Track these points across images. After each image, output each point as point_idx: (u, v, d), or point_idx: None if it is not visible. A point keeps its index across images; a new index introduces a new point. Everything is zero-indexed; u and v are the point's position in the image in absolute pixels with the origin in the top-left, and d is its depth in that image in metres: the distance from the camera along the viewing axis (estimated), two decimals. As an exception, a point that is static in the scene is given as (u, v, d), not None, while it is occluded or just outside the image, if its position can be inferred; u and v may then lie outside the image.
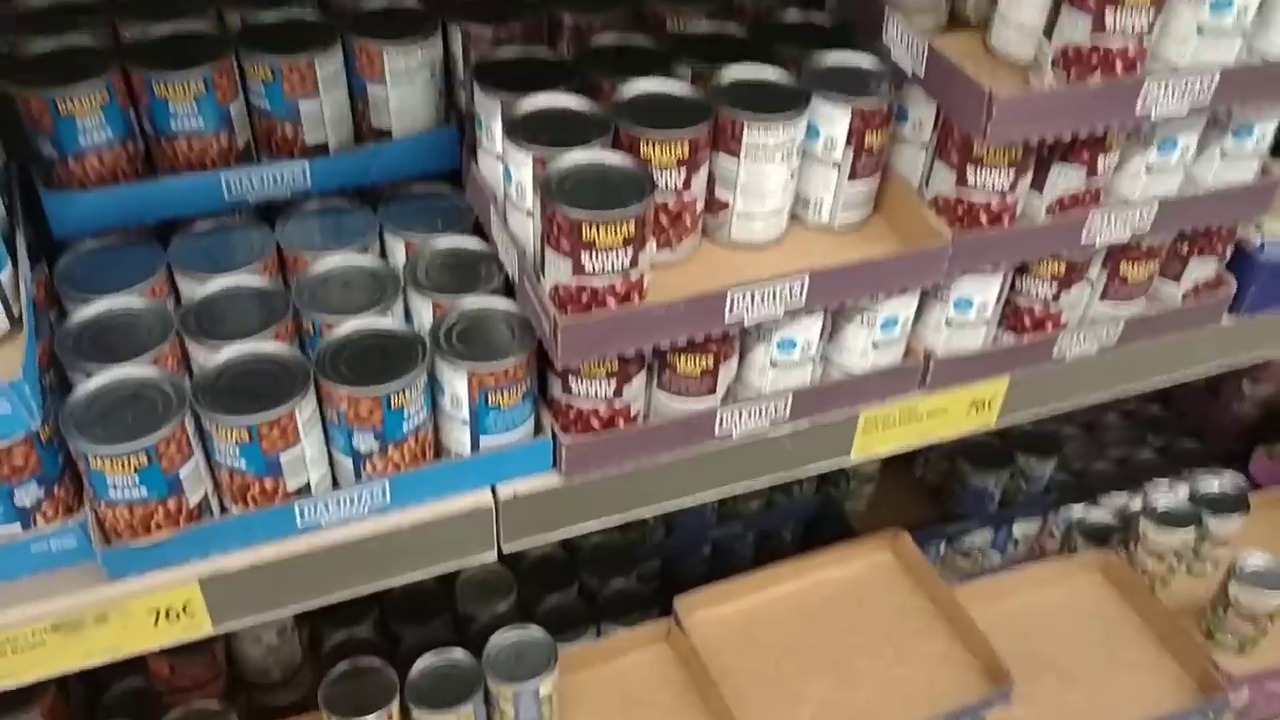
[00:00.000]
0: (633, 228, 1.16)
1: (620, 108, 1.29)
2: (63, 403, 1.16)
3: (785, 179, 1.34)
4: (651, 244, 1.22)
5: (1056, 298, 1.49)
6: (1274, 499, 2.26)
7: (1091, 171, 1.36)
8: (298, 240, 1.40)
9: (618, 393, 1.31)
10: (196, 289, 1.32)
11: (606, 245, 1.16)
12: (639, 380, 1.33)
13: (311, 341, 1.30)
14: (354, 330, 1.26)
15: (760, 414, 1.41)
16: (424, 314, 1.34)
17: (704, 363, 1.34)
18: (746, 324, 1.30)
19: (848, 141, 1.35)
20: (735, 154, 1.31)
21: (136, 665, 1.70)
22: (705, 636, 1.85)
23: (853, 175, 1.38)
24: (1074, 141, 1.33)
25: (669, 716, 1.77)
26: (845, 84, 1.35)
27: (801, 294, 1.30)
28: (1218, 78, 1.29)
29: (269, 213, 1.44)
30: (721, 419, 1.39)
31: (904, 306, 1.41)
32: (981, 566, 2.38)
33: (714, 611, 1.90)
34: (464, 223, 1.46)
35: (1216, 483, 2.14)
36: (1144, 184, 1.42)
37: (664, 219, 1.31)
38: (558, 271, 1.20)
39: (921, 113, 1.39)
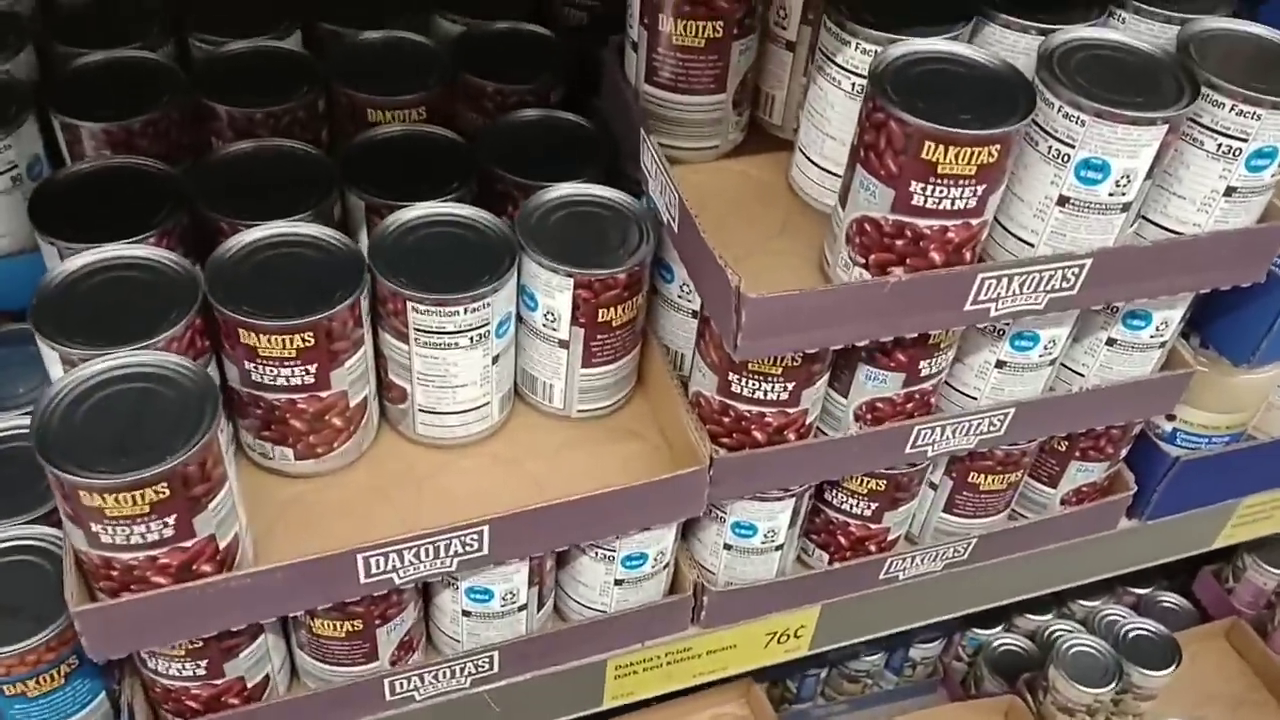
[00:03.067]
0: (166, 489, 0.77)
1: (222, 273, 0.89)
2: None
3: (483, 366, 0.96)
4: (234, 503, 0.82)
5: (878, 517, 1.10)
6: (1215, 633, 1.87)
7: (912, 376, 0.97)
8: None
9: (214, 672, 0.93)
10: None
11: (129, 516, 0.77)
12: (254, 650, 0.94)
13: None
14: None
15: (453, 674, 1.03)
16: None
17: (348, 626, 0.96)
18: (400, 585, 0.92)
19: (574, 319, 0.96)
20: (403, 336, 0.92)
21: None
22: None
23: (588, 359, 0.99)
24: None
25: None
26: (580, 233, 0.96)
27: (481, 546, 0.92)
28: (1088, 265, 0.90)
29: None
30: (394, 684, 1.01)
31: (655, 540, 1.03)
32: (872, 692, 2.04)
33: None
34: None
35: (1147, 624, 1.76)
36: (994, 382, 1.03)
37: (297, 423, 0.92)
38: (77, 538, 0.81)
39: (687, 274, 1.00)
